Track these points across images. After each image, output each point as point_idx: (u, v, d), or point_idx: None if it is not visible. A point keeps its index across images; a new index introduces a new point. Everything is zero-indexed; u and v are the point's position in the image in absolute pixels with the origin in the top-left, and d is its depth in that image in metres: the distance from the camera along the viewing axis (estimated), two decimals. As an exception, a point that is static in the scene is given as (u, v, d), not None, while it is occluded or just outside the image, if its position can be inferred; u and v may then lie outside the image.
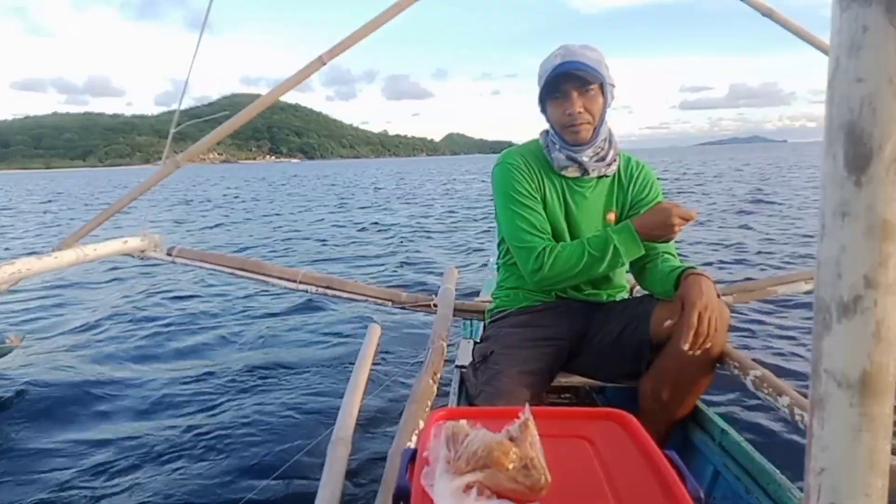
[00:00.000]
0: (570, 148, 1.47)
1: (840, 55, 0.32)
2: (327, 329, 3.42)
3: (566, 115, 1.43)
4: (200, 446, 1.97)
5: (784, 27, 2.05)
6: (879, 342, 0.33)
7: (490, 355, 1.43)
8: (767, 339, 3.01)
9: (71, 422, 2.21)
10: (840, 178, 0.33)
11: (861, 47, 0.31)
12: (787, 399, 1.18)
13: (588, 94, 1.41)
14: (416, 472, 0.74)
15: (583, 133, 1.44)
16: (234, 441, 2.01)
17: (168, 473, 1.80)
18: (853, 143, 0.32)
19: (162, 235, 1.98)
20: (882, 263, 0.32)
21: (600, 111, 1.44)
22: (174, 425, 2.15)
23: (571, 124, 1.43)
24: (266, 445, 1.96)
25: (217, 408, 2.30)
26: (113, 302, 4.25)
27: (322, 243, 7.52)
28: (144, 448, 1.97)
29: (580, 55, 1.39)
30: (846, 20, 0.31)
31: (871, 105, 0.31)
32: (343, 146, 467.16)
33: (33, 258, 1.52)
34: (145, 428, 2.13)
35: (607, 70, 1.43)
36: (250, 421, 2.17)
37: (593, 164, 1.48)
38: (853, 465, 0.34)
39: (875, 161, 0.31)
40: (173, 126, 1.87)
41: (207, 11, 1.88)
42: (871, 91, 0.31)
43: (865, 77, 0.31)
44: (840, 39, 0.32)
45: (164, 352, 3.00)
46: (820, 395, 0.35)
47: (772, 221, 7.86)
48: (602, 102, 1.44)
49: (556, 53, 1.43)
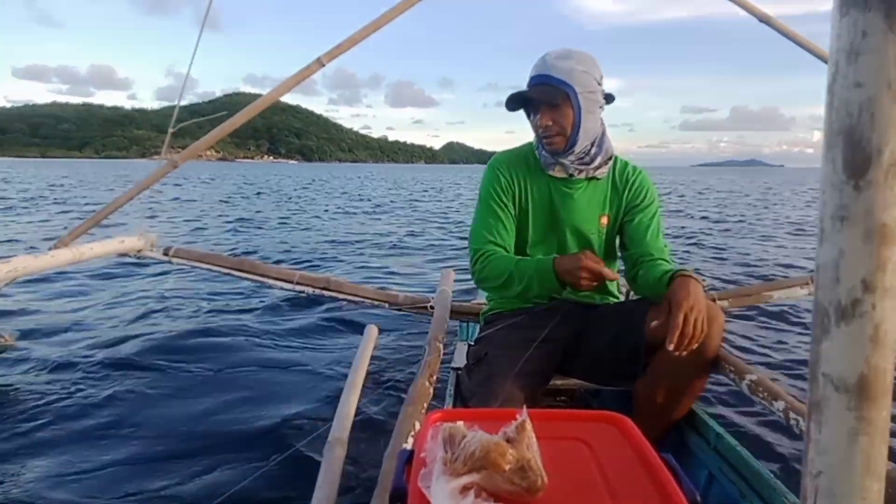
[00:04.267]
0: (551, 154, 1.51)
1: (839, 60, 0.32)
2: (324, 330, 3.41)
3: (538, 127, 1.48)
4: (194, 446, 1.96)
5: (782, 34, 2.07)
6: (877, 346, 0.33)
7: (484, 357, 1.43)
8: (763, 343, 3.02)
9: (64, 421, 2.19)
10: (839, 183, 0.33)
11: (860, 52, 0.31)
12: (782, 403, 1.18)
13: (556, 107, 1.43)
14: (413, 474, 0.74)
15: (555, 144, 1.47)
16: (228, 441, 2.00)
17: (160, 473, 1.79)
18: (852, 147, 0.32)
19: (158, 235, 1.97)
20: (880, 267, 0.32)
21: (572, 122, 1.44)
22: (166, 425, 2.13)
23: (544, 136, 1.47)
24: (261, 446, 1.95)
25: (211, 407, 2.29)
26: (108, 300, 4.23)
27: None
28: (137, 448, 1.96)
29: (550, 67, 1.41)
30: (845, 25, 0.32)
31: (869, 110, 0.31)
32: (342, 150, 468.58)
33: (29, 257, 1.51)
34: (138, 428, 2.12)
35: (587, 76, 1.41)
36: (245, 421, 2.17)
37: (575, 167, 1.50)
38: (850, 469, 0.34)
39: (874, 166, 0.32)
40: (172, 123, 1.87)
41: (207, 10, 1.88)
42: (870, 96, 0.31)
43: (864, 82, 0.31)
44: (839, 44, 0.32)
45: (158, 351, 2.98)
46: (818, 398, 0.35)
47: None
48: (573, 113, 1.43)
49: (536, 63, 1.45)
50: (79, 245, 1.70)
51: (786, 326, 3.27)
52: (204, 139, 1.90)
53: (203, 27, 1.86)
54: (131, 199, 1.93)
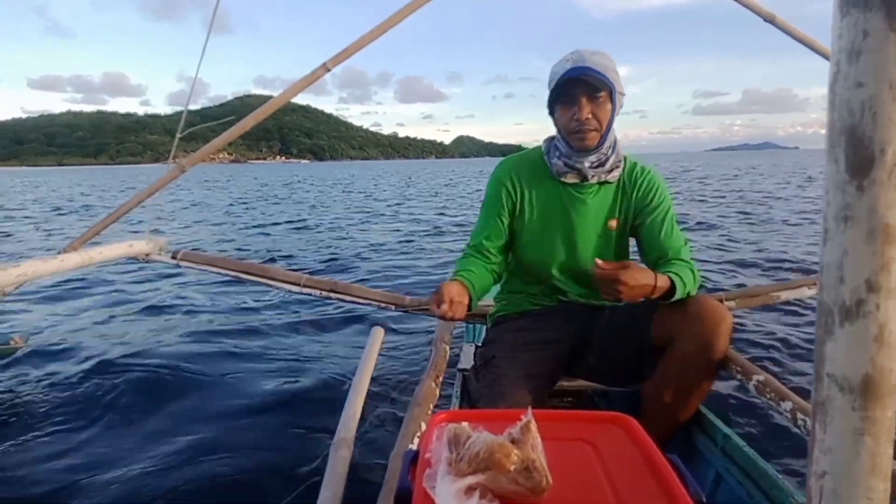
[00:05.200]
0: (574, 153, 1.47)
1: (841, 60, 0.32)
2: (330, 332, 3.42)
3: (574, 120, 1.42)
4: (201, 447, 1.97)
5: (786, 33, 2.06)
6: (882, 346, 0.33)
7: (492, 359, 1.43)
8: (770, 344, 3.00)
9: (73, 423, 2.21)
10: (842, 183, 0.33)
11: (861, 52, 0.31)
12: (789, 404, 1.18)
13: (597, 100, 1.41)
14: (418, 474, 0.74)
15: (589, 140, 1.43)
16: (235, 442, 2.01)
17: (167, 474, 1.80)
18: (854, 147, 0.32)
19: (167, 238, 1.98)
20: (884, 267, 0.32)
21: (608, 118, 1.43)
22: (173, 427, 2.15)
23: (579, 130, 1.43)
24: (268, 446, 1.96)
25: (217, 409, 2.30)
26: (117, 303, 4.27)
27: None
28: (144, 449, 1.97)
29: (591, 61, 1.39)
30: (847, 25, 0.32)
31: (871, 109, 0.31)
32: (353, 148, 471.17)
33: (39, 261, 1.52)
34: (145, 430, 2.13)
35: (617, 77, 1.42)
36: (252, 422, 2.18)
37: (592, 171, 1.48)
38: (855, 469, 0.34)
39: (876, 165, 0.32)
40: (180, 128, 1.88)
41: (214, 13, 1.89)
42: (872, 95, 0.31)
43: (866, 82, 0.31)
44: (841, 44, 0.32)
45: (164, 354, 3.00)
46: (822, 398, 0.35)
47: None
48: (610, 110, 1.43)
49: (567, 58, 1.42)
50: (88, 249, 1.71)
51: (794, 327, 3.25)
52: (212, 143, 1.91)
53: (210, 31, 1.87)
54: (141, 203, 1.94)
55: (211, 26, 1.88)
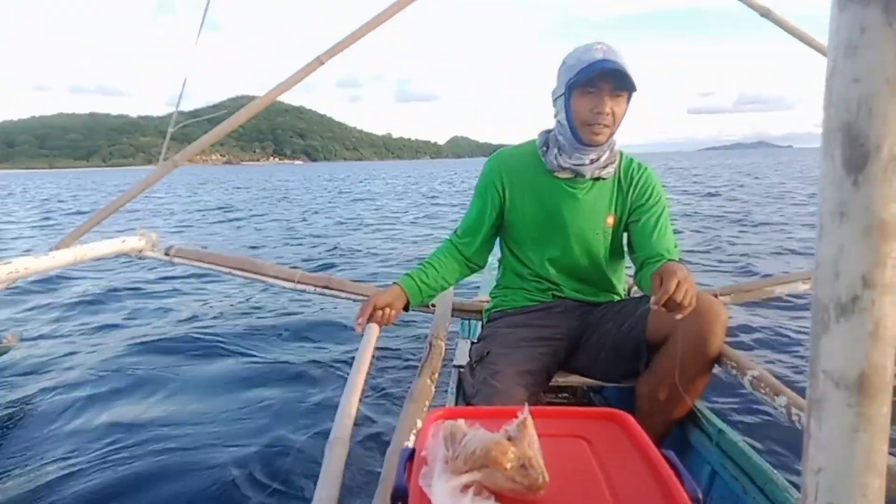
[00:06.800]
0: (578, 145, 1.44)
1: (837, 55, 0.32)
2: (325, 329, 3.41)
3: (594, 112, 1.39)
4: (196, 446, 1.97)
5: (781, 27, 2.06)
6: (877, 342, 0.33)
7: (487, 355, 1.43)
8: (765, 339, 3.01)
9: (67, 422, 2.20)
10: (838, 179, 0.33)
11: (858, 48, 0.31)
12: (784, 399, 1.18)
13: (618, 98, 1.39)
14: (414, 472, 0.74)
15: (601, 135, 1.41)
16: (230, 441, 2.00)
17: (163, 472, 1.80)
18: (851, 143, 0.32)
19: (159, 235, 1.97)
20: (880, 263, 0.32)
21: (621, 118, 1.43)
22: (169, 424, 2.14)
23: (595, 123, 1.40)
24: (263, 445, 1.96)
25: (213, 407, 2.29)
26: (110, 300, 4.24)
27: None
28: (137, 447, 1.97)
29: (620, 57, 1.36)
30: (844, 20, 0.31)
31: (868, 105, 0.31)
32: (347, 148, 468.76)
33: (30, 258, 1.51)
34: (138, 426, 2.12)
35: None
36: (247, 420, 2.17)
37: (587, 167, 1.47)
38: (850, 465, 0.34)
39: (872, 161, 0.31)
40: (171, 123, 1.86)
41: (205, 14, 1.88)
42: (869, 91, 0.31)
43: (863, 77, 0.31)
44: (838, 40, 0.32)
45: (160, 350, 2.99)
46: (817, 395, 0.35)
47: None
48: (625, 111, 1.43)
49: (594, 47, 1.37)
50: (80, 245, 1.70)
51: (788, 322, 3.27)
52: (204, 137, 1.90)
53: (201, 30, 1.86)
54: (133, 199, 1.93)
55: (201, 28, 1.87)
